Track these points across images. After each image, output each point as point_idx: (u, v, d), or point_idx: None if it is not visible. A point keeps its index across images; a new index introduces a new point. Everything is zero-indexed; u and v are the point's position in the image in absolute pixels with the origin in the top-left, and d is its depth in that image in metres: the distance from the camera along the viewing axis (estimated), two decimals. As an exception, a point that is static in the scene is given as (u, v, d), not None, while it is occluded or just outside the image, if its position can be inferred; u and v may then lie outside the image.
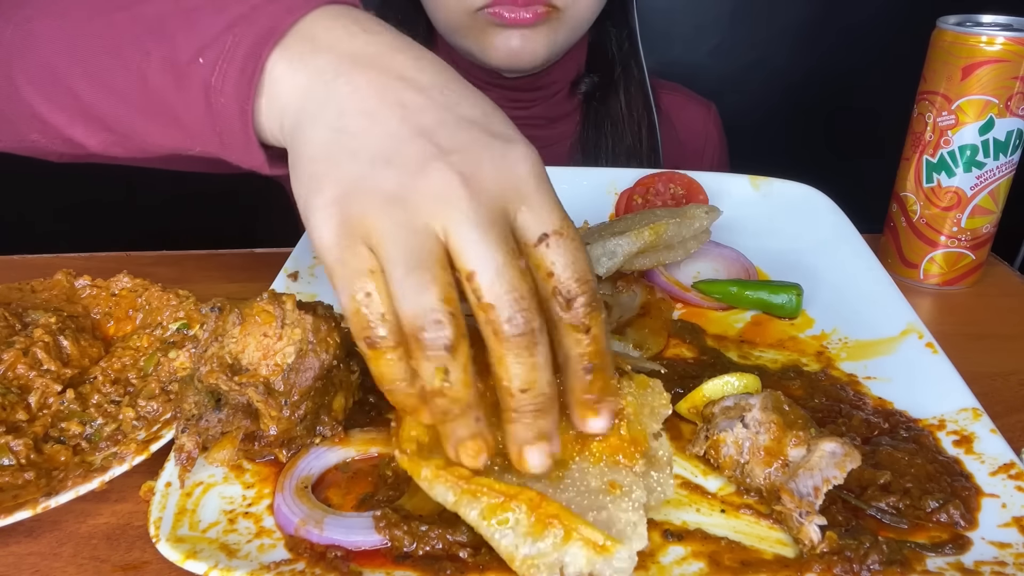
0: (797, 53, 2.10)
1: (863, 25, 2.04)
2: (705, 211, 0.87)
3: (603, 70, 1.25)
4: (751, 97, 2.10)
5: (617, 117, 1.25)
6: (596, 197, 1.04)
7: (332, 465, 0.61)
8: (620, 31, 1.26)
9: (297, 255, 0.90)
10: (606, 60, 1.26)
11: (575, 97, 1.27)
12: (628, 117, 1.25)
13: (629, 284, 0.85)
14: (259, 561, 0.52)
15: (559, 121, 1.27)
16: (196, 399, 0.59)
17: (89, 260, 1.00)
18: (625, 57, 1.26)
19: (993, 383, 0.75)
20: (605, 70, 1.25)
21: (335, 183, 0.50)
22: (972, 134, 0.87)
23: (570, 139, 1.27)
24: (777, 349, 0.77)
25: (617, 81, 1.25)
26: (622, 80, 1.25)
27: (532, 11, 1.04)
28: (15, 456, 0.60)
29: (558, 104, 1.26)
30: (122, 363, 0.71)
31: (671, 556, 0.54)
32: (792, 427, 0.58)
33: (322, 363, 0.60)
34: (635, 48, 1.26)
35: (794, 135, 2.11)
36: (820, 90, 2.10)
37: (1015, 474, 0.59)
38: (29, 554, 0.56)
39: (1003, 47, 0.83)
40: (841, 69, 2.08)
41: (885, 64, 1.82)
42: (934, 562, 0.52)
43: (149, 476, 0.59)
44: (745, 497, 0.59)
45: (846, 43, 2.07)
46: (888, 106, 1.36)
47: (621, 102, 1.25)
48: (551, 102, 1.25)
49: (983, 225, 0.92)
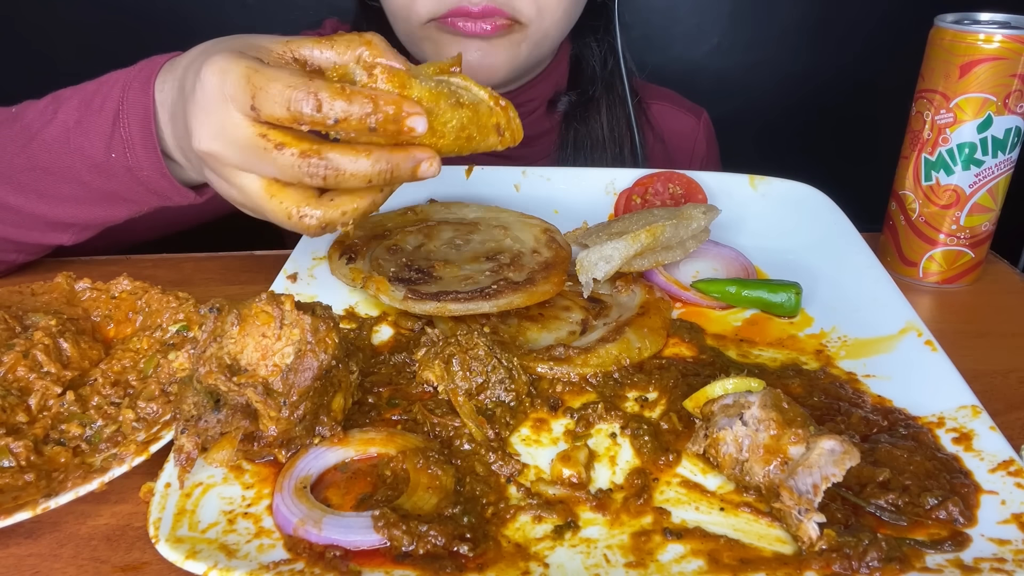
0: (796, 52, 2.10)
1: (862, 24, 2.04)
2: (703, 211, 0.87)
3: (583, 89, 1.21)
4: (750, 96, 2.10)
5: (597, 137, 1.21)
6: (595, 197, 1.04)
7: (331, 465, 0.61)
8: (602, 48, 1.21)
9: (296, 257, 0.90)
10: (587, 79, 1.21)
11: (554, 115, 1.22)
12: (609, 137, 1.21)
13: (628, 284, 0.85)
14: (258, 561, 0.52)
15: (537, 140, 1.23)
16: (195, 400, 0.59)
17: (89, 263, 1.00)
18: (609, 76, 1.21)
19: (992, 381, 0.75)
20: (585, 89, 1.21)
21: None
22: (970, 132, 0.87)
23: (547, 158, 1.23)
24: (776, 348, 0.78)
25: (598, 100, 1.20)
26: (604, 99, 1.20)
27: (492, 23, 1.00)
28: (15, 458, 0.60)
29: (536, 122, 1.22)
30: (122, 365, 0.71)
31: (670, 554, 0.54)
32: (791, 425, 0.58)
33: (321, 363, 0.60)
34: (619, 66, 1.21)
35: (793, 134, 2.11)
36: (819, 89, 2.10)
37: (1014, 471, 0.59)
38: (29, 555, 0.56)
39: (1001, 45, 0.83)
40: (839, 68, 2.08)
41: (883, 62, 1.82)
42: (933, 559, 0.52)
43: (149, 477, 0.59)
44: (744, 495, 0.59)
45: (845, 42, 2.07)
46: (887, 105, 1.36)
47: (602, 123, 1.21)
48: (528, 120, 1.19)
49: (982, 223, 0.92)
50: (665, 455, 0.62)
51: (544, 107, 1.22)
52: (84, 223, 0.89)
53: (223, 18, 1.92)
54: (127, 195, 0.84)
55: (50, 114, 0.84)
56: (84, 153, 0.81)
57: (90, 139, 0.81)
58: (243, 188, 0.64)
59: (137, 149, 0.79)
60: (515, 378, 0.68)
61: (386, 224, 0.95)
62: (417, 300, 0.78)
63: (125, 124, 0.78)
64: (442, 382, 0.68)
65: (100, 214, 0.87)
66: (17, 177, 0.85)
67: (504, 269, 0.84)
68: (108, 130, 0.79)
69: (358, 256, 0.87)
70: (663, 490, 0.60)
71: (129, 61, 0.82)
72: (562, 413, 0.68)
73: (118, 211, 0.87)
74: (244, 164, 0.63)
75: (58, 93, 0.85)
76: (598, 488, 0.60)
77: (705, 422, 0.63)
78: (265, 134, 0.60)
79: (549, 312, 0.83)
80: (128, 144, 0.79)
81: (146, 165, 0.79)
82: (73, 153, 0.82)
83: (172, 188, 0.81)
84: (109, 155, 0.80)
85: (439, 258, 0.88)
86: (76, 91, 0.85)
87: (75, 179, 0.84)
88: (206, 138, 0.63)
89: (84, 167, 0.82)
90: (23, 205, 0.86)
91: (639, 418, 0.67)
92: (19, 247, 0.92)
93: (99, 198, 0.85)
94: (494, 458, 0.62)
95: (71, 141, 0.82)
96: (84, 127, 0.81)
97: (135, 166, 0.80)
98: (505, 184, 1.07)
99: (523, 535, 0.55)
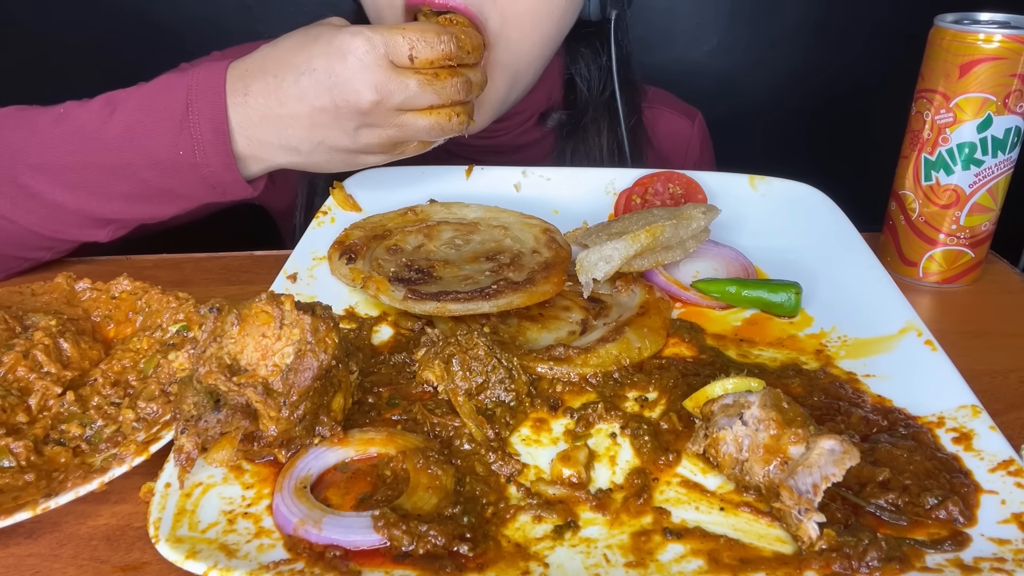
0: (796, 52, 2.10)
1: (862, 24, 2.04)
2: (703, 211, 0.87)
3: (577, 109, 1.19)
4: (750, 96, 2.10)
5: (594, 157, 1.20)
6: (595, 197, 1.04)
7: (331, 465, 0.61)
8: (600, 70, 1.17)
9: (296, 257, 0.90)
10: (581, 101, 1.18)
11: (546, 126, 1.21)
12: (604, 152, 1.19)
13: (628, 284, 0.85)
14: (258, 561, 0.52)
15: (528, 148, 1.22)
16: (195, 400, 0.59)
17: (89, 263, 1.00)
18: (607, 99, 1.18)
19: (993, 380, 0.75)
20: (578, 107, 1.19)
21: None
22: (970, 132, 0.87)
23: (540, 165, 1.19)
24: (776, 348, 0.77)
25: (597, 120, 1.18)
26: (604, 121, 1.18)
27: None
28: (15, 458, 0.60)
29: (526, 132, 1.20)
30: (122, 365, 0.71)
31: (670, 554, 0.54)
32: (791, 425, 0.58)
33: (320, 363, 0.60)
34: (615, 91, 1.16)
35: (793, 134, 2.11)
36: (819, 89, 2.10)
37: (1014, 471, 0.59)
38: (29, 555, 0.56)
39: (1001, 44, 0.83)
40: (839, 68, 2.08)
41: (883, 62, 1.82)
42: (933, 559, 0.52)
43: (149, 477, 0.59)
44: (744, 495, 0.59)
45: (845, 42, 2.07)
46: (886, 104, 1.35)
47: (602, 145, 1.19)
48: (517, 131, 1.19)
49: (982, 223, 0.92)
50: (665, 455, 0.62)
51: (535, 118, 1.20)
52: (128, 219, 0.93)
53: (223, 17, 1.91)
54: (183, 191, 0.90)
55: (107, 115, 0.87)
56: (149, 150, 0.86)
57: (157, 137, 0.86)
58: (404, 123, 0.84)
59: (207, 147, 0.86)
60: (515, 378, 0.68)
61: (386, 224, 0.95)
62: (417, 300, 0.78)
63: (196, 124, 0.85)
64: (442, 382, 0.68)
65: (148, 210, 0.92)
66: (69, 176, 0.88)
67: (504, 269, 0.84)
68: (176, 128, 0.85)
69: (358, 256, 0.87)
70: (663, 490, 0.60)
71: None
72: (562, 413, 0.68)
73: (168, 208, 0.92)
74: (408, 102, 0.82)
75: (109, 95, 0.89)
76: (598, 488, 0.60)
77: (705, 422, 0.63)
78: (426, 73, 0.81)
79: (549, 312, 0.83)
80: (198, 142, 0.85)
81: (215, 162, 0.87)
82: (137, 151, 0.86)
83: (234, 182, 0.89)
84: (176, 153, 0.86)
85: (439, 258, 0.88)
86: (131, 93, 0.89)
87: (134, 176, 0.88)
88: (370, 94, 0.80)
89: (146, 164, 0.87)
90: (69, 201, 0.89)
91: (639, 418, 0.67)
92: (51, 243, 0.94)
93: (154, 195, 0.90)
94: (494, 458, 0.62)
95: (136, 140, 0.86)
96: (148, 126, 0.86)
97: (202, 163, 0.86)
98: (505, 184, 1.07)
99: (523, 535, 0.55)
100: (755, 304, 0.83)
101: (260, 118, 0.85)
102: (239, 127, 0.86)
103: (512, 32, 0.95)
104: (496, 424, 0.65)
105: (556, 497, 0.59)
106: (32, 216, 0.90)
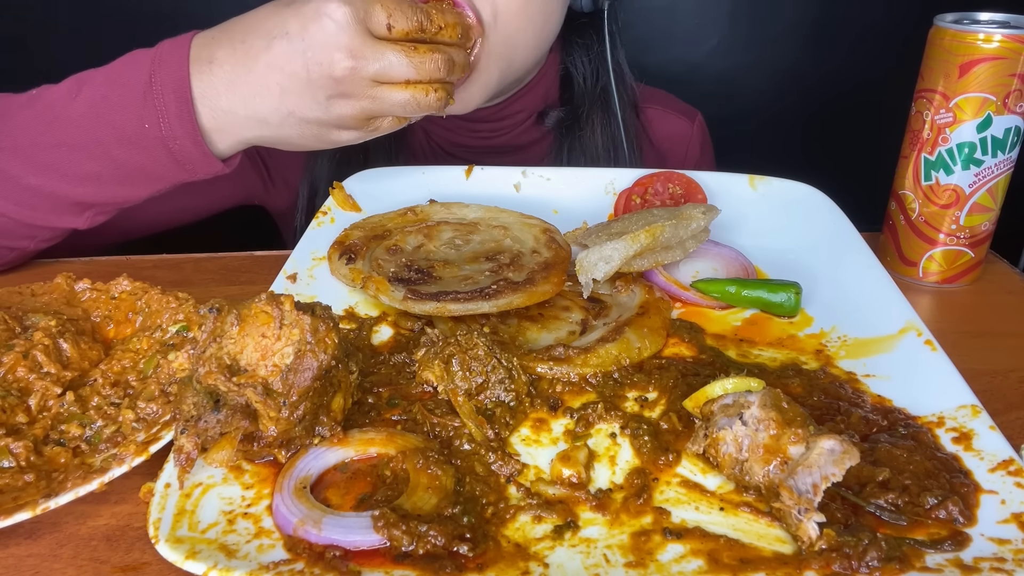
0: (796, 52, 2.10)
1: (862, 24, 2.04)
2: (702, 211, 0.87)
3: (573, 104, 1.19)
4: (750, 96, 2.10)
5: (591, 154, 1.19)
6: (594, 197, 1.04)
7: (331, 465, 0.61)
8: (593, 64, 1.18)
9: (296, 257, 0.90)
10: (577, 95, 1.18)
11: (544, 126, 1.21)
12: (603, 154, 1.19)
13: (628, 284, 0.85)
14: (258, 561, 0.52)
15: (526, 148, 1.21)
16: (195, 400, 0.59)
17: (89, 264, 1.00)
18: (602, 92, 1.18)
19: (993, 380, 0.75)
20: (576, 104, 1.18)
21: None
22: (970, 131, 0.87)
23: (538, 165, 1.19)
24: (776, 347, 0.77)
25: (592, 117, 1.18)
26: (598, 117, 1.18)
27: None
28: (15, 458, 0.60)
29: (524, 132, 1.20)
30: (122, 365, 0.71)
31: (670, 554, 0.54)
32: (791, 424, 0.58)
33: (320, 363, 0.60)
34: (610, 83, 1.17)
35: (793, 134, 2.11)
36: (819, 89, 2.10)
37: (1014, 471, 0.59)
38: (29, 555, 0.56)
39: (1000, 44, 0.83)
40: (839, 68, 2.08)
41: (883, 62, 1.83)
42: (933, 559, 0.52)
43: (148, 477, 0.59)
44: (744, 495, 0.59)
45: (844, 42, 2.07)
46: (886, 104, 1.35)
47: (597, 143, 1.19)
48: (516, 131, 1.19)
49: (982, 223, 0.92)
50: (665, 455, 0.62)
51: (533, 118, 1.20)
52: (103, 203, 0.91)
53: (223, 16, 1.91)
54: (153, 170, 0.88)
55: (74, 92, 0.86)
56: (115, 125, 0.84)
57: (121, 111, 0.84)
58: (379, 95, 0.81)
59: (171, 119, 0.83)
60: (515, 378, 0.68)
61: (386, 224, 0.95)
62: (417, 300, 0.78)
63: (159, 94, 0.82)
64: (442, 382, 0.68)
65: (121, 193, 0.90)
66: (39, 156, 0.86)
67: (504, 269, 0.84)
68: (139, 100, 0.83)
69: (358, 256, 0.87)
70: (663, 490, 0.60)
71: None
72: (562, 413, 0.68)
73: (140, 190, 0.90)
74: (383, 72, 0.79)
75: (79, 75, 0.88)
76: (598, 488, 0.60)
77: (705, 422, 0.63)
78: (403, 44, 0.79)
79: (549, 312, 0.83)
80: (163, 114, 0.83)
81: (180, 134, 0.84)
82: (103, 127, 0.84)
83: (202, 157, 0.86)
84: (142, 126, 0.83)
85: (439, 258, 0.88)
86: (98, 71, 0.87)
87: (103, 155, 0.86)
88: (345, 60, 0.78)
89: (114, 140, 0.85)
90: (42, 185, 0.87)
91: (639, 418, 0.67)
92: (32, 232, 0.93)
93: (124, 175, 0.88)
94: (494, 458, 0.62)
95: (101, 115, 0.84)
96: (113, 100, 0.84)
97: (168, 136, 0.84)
98: (505, 184, 1.07)
99: (523, 535, 0.55)
100: (755, 304, 0.83)
101: (226, 87, 0.82)
102: (202, 97, 0.83)
103: (505, 20, 0.95)
104: (496, 424, 0.65)
105: (556, 497, 0.59)
106: (7, 202, 0.89)
